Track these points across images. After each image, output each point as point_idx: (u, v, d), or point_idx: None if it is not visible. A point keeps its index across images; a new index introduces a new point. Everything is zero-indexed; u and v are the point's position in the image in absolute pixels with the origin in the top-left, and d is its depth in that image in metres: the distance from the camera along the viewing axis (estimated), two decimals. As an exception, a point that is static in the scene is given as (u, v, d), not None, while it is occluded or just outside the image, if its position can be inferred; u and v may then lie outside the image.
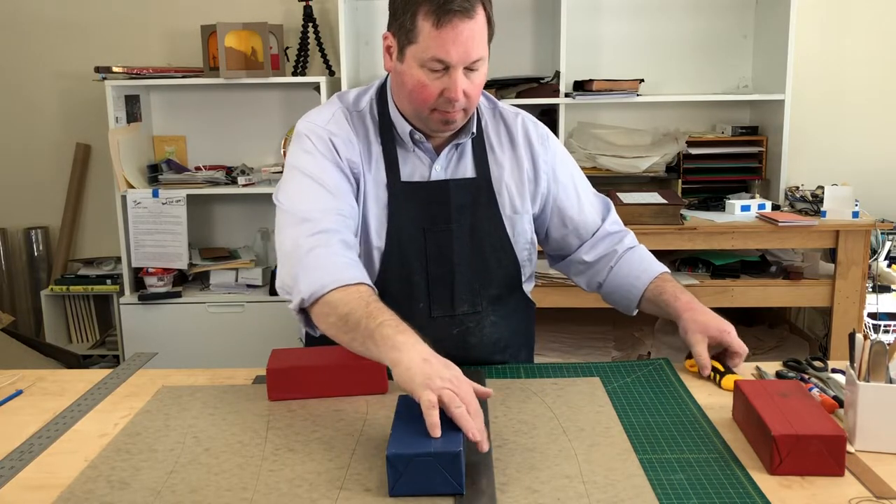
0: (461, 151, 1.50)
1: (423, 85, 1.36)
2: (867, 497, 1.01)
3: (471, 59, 1.34)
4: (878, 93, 3.38)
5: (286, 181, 1.44)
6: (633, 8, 3.36)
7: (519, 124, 1.57)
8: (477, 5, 1.32)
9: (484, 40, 1.36)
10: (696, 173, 3.19)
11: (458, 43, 1.31)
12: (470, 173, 1.50)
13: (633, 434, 1.19)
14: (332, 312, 1.25)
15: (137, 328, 3.21)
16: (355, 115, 1.49)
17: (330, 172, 1.41)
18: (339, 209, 1.38)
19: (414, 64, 1.35)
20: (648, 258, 1.63)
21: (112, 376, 1.49)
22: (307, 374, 1.34)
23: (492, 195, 1.51)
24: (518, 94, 3.19)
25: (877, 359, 1.14)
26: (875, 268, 2.87)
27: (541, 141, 1.57)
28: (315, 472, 1.09)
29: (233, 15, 3.25)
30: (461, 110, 1.40)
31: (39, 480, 1.10)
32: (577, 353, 3.02)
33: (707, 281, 2.86)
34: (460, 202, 1.48)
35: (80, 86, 3.45)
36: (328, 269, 1.28)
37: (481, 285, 1.51)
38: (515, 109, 1.60)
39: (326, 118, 1.47)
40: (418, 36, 1.32)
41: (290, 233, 1.36)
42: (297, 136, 1.47)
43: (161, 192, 3.19)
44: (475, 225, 1.49)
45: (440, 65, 1.34)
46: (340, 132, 1.45)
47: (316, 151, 1.43)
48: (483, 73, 1.40)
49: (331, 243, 1.33)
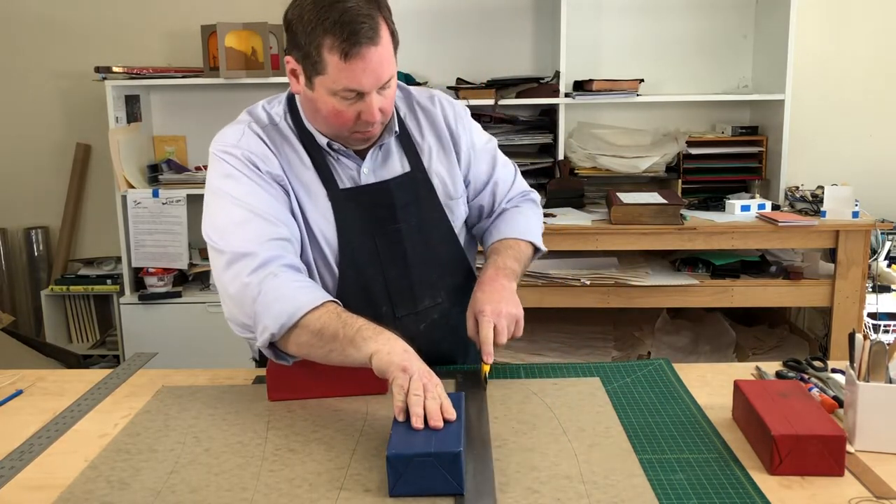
0: (386, 150, 1.47)
1: (338, 112, 1.32)
2: (867, 497, 1.01)
3: (383, 81, 1.30)
4: (879, 93, 3.38)
5: (212, 211, 1.37)
6: (633, 8, 3.36)
7: (438, 108, 1.54)
8: (380, 28, 1.27)
9: (391, 56, 1.31)
10: (696, 173, 3.19)
11: (369, 71, 1.27)
12: (400, 169, 1.47)
13: (633, 434, 1.20)
14: (304, 332, 1.25)
15: (137, 328, 3.21)
16: (270, 128, 1.42)
17: (256, 194, 1.35)
18: (274, 234, 1.33)
19: (324, 93, 1.31)
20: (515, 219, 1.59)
21: (112, 376, 1.49)
22: (307, 374, 1.33)
23: (430, 186, 1.49)
24: (518, 94, 3.19)
25: (877, 359, 1.14)
26: (875, 268, 2.87)
27: (457, 120, 1.55)
28: (315, 473, 1.09)
29: (233, 15, 3.24)
30: (380, 124, 1.38)
31: (39, 480, 1.10)
32: (577, 353, 3.02)
33: (707, 281, 2.86)
34: (404, 200, 1.45)
35: (80, 86, 3.45)
36: (288, 299, 1.26)
37: (438, 277, 1.51)
38: (428, 92, 1.57)
39: (237, 137, 1.40)
40: (326, 68, 1.28)
41: (232, 273, 1.30)
42: (212, 159, 1.40)
43: (161, 192, 3.19)
44: (422, 218, 1.47)
45: (353, 93, 1.30)
46: (255, 149, 1.38)
47: (237, 173, 1.36)
48: (394, 83, 1.35)
49: (278, 273, 1.29)
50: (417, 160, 1.49)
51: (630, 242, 2.83)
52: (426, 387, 1.13)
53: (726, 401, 1.29)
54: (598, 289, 2.82)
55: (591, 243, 2.81)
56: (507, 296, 1.40)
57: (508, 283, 1.43)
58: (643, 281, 2.83)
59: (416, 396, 1.11)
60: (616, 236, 2.81)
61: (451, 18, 3.37)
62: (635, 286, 2.82)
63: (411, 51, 3.34)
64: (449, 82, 3.31)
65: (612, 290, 2.83)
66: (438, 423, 1.08)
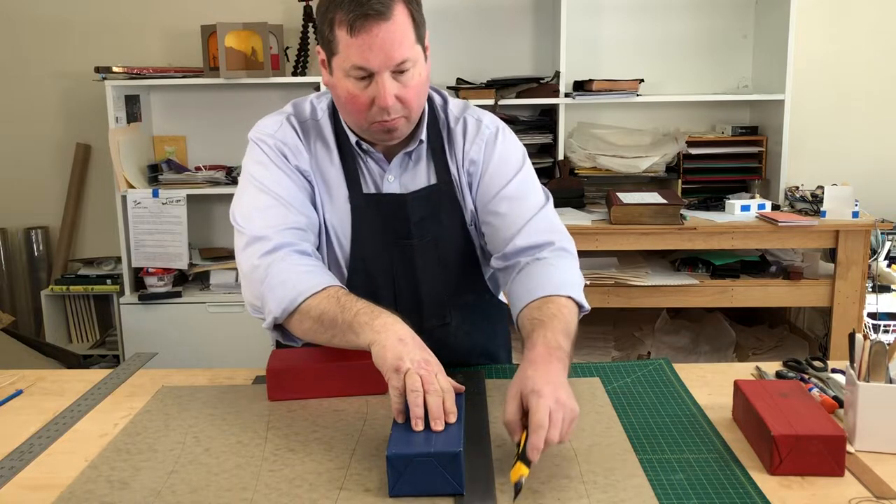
0: (416, 158, 1.42)
1: (353, 96, 1.29)
2: (867, 497, 1.01)
3: (394, 61, 1.25)
4: (879, 92, 3.38)
5: (240, 194, 1.40)
6: (633, 8, 3.36)
7: (472, 123, 1.45)
8: (394, 5, 1.24)
9: (408, 40, 1.26)
10: (695, 173, 3.19)
11: (376, 47, 1.24)
12: (426, 181, 1.42)
13: (633, 434, 1.19)
14: (306, 318, 1.25)
15: (137, 328, 3.21)
16: (310, 123, 1.43)
17: (283, 182, 1.38)
18: (292, 223, 1.34)
19: (341, 75, 1.29)
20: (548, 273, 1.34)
21: (112, 376, 1.49)
22: (307, 374, 1.34)
23: (455, 201, 1.43)
24: (518, 94, 3.19)
25: (877, 359, 1.14)
26: (875, 268, 2.87)
27: (477, 137, 1.44)
28: (315, 472, 1.09)
29: (233, 15, 3.24)
30: (401, 118, 1.32)
31: (39, 480, 1.10)
32: (577, 353, 3.01)
33: (707, 281, 2.86)
34: (420, 215, 1.41)
35: (80, 86, 3.45)
36: (292, 283, 1.27)
37: (449, 297, 1.48)
38: (462, 105, 1.48)
39: (275, 127, 1.42)
40: (338, 45, 1.26)
41: (247, 254, 1.33)
42: (249, 144, 1.44)
43: (161, 192, 3.19)
44: (440, 235, 1.43)
45: (363, 72, 1.26)
46: (288, 141, 1.40)
47: (268, 161, 1.39)
48: (418, 74, 1.29)
49: (286, 257, 1.30)
50: (446, 173, 1.43)
51: (630, 242, 2.83)
52: (424, 379, 1.09)
53: (726, 401, 1.29)
54: (598, 289, 2.82)
55: (591, 243, 2.81)
56: (564, 384, 1.11)
57: (563, 369, 1.15)
58: (643, 281, 2.83)
59: (414, 393, 1.08)
60: (616, 236, 2.81)
61: (451, 18, 3.37)
62: (635, 286, 2.82)
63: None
64: (449, 82, 3.31)
65: (612, 290, 2.84)
66: (440, 425, 1.07)
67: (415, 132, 1.40)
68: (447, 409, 1.08)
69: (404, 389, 1.10)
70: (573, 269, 1.39)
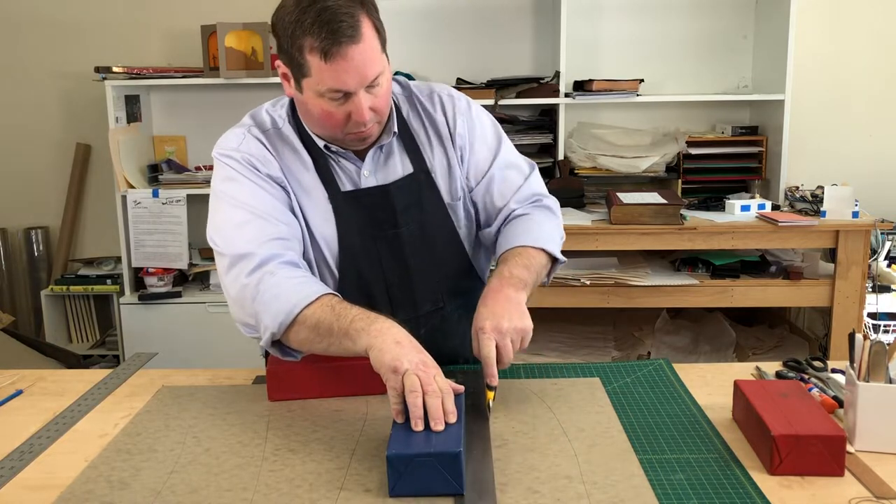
0: (387, 151, 1.44)
1: (328, 113, 1.30)
2: (867, 497, 1.01)
3: (368, 80, 1.27)
4: (879, 93, 3.38)
5: (213, 214, 1.39)
6: (633, 8, 3.36)
7: (437, 104, 1.49)
8: (361, 25, 1.24)
9: (377, 53, 1.28)
10: (695, 173, 3.19)
11: (352, 70, 1.25)
12: (401, 171, 1.44)
13: (633, 434, 1.19)
14: (302, 329, 1.25)
15: (137, 328, 3.21)
16: (272, 132, 1.42)
17: (256, 195, 1.36)
18: (273, 234, 1.33)
19: (312, 95, 1.30)
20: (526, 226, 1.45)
21: (112, 376, 1.49)
22: (307, 374, 1.34)
23: (433, 188, 1.46)
24: (518, 94, 3.19)
25: (877, 359, 1.14)
26: (875, 268, 2.87)
27: (456, 114, 1.49)
28: (315, 473, 1.09)
29: (233, 15, 3.25)
30: (375, 124, 1.35)
31: (39, 480, 1.10)
32: (577, 353, 3.02)
33: (707, 281, 2.86)
34: (404, 203, 1.43)
35: (80, 86, 3.45)
36: (286, 295, 1.26)
37: (440, 280, 1.49)
38: (429, 87, 1.52)
39: (238, 141, 1.41)
40: (310, 70, 1.26)
41: (232, 276, 1.31)
42: (215, 164, 1.42)
43: (161, 192, 3.19)
44: (424, 221, 1.45)
45: (339, 94, 1.28)
46: (254, 152, 1.39)
47: (237, 175, 1.37)
48: (386, 81, 1.32)
49: (275, 271, 1.29)
50: (420, 161, 1.46)
51: (630, 242, 2.83)
52: (422, 380, 1.10)
53: (726, 401, 1.29)
54: (598, 289, 2.83)
55: (591, 243, 2.81)
56: (511, 308, 1.26)
57: (515, 293, 1.29)
58: (643, 281, 2.83)
59: (412, 393, 1.08)
60: (616, 236, 2.81)
61: (451, 18, 3.37)
62: (635, 286, 2.82)
63: (412, 50, 3.34)
64: (449, 82, 3.30)
65: (612, 290, 2.84)
66: (440, 426, 1.07)
67: (386, 126, 1.41)
68: (447, 409, 1.09)
69: (402, 390, 1.10)
70: (551, 222, 1.49)
